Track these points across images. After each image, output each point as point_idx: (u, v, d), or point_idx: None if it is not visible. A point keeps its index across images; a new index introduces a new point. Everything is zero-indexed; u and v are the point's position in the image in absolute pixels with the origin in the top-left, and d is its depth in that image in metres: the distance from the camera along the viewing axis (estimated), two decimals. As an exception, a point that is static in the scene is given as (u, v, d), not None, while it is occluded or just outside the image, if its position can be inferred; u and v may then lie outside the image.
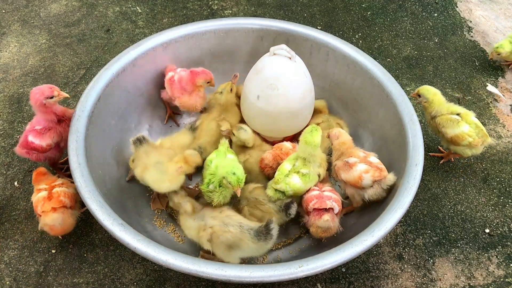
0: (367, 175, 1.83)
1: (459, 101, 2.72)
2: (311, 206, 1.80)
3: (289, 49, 1.99)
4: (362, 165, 1.86)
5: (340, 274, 1.95)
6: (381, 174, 1.84)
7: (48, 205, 1.81)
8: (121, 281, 1.89)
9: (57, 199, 1.82)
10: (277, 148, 2.01)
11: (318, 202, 1.79)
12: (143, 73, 2.26)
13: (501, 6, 3.49)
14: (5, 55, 2.85)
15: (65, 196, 1.85)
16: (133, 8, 3.25)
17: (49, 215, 1.80)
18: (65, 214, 1.83)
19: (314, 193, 1.85)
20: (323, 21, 3.23)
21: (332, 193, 1.85)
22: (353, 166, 1.87)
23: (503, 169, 2.38)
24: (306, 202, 1.84)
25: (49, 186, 1.89)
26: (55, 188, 1.87)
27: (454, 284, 1.95)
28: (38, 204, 1.83)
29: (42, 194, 1.85)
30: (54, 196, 1.84)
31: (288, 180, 1.85)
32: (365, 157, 1.90)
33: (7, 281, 1.88)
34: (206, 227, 1.73)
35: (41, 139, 1.97)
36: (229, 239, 1.69)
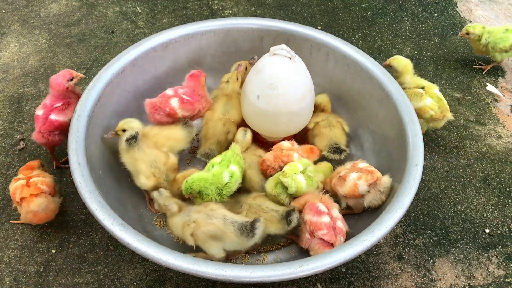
0: (361, 182, 1.83)
1: (459, 101, 2.72)
2: (319, 234, 1.72)
3: (289, 49, 1.99)
4: (353, 174, 1.86)
5: (340, 274, 1.95)
6: (373, 176, 1.83)
7: (27, 191, 1.83)
8: (121, 281, 1.89)
9: (36, 187, 1.85)
10: (277, 149, 2.00)
11: (328, 235, 1.71)
12: (143, 73, 2.26)
13: (501, 6, 3.49)
14: (5, 55, 2.85)
15: (43, 184, 1.88)
16: (133, 8, 3.25)
17: (32, 201, 1.81)
18: (48, 199, 1.86)
19: (324, 220, 1.75)
20: (323, 21, 3.23)
21: (342, 224, 1.78)
22: (346, 178, 1.87)
23: (503, 169, 2.38)
24: (313, 226, 1.74)
25: (26, 177, 1.92)
26: (32, 178, 1.90)
27: (454, 284, 1.95)
28: (16, 191, 1.84)
29: (20, 183, 1.87)
30: (32, 184, 1.86)
31: (295, 176, 1.85)
32: (354, 165, 1.90)
33: (7, 281, 1.88)
34: (190, 221, 1.73)
35: (65, 115, 2.07)
36: (211, 231, 1.69)
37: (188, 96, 2.14)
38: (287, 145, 2.03)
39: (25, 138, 2.39)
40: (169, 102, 2.10)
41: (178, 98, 2.11)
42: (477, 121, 2.62)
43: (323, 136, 2.17)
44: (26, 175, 1.94)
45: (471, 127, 2.58)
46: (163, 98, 2.12)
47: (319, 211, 1.77)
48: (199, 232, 1.70)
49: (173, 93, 2.13)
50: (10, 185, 1.92)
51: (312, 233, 1.75)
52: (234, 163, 1.90)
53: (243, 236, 1.68)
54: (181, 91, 2.15)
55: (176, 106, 2.09)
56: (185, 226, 1.74)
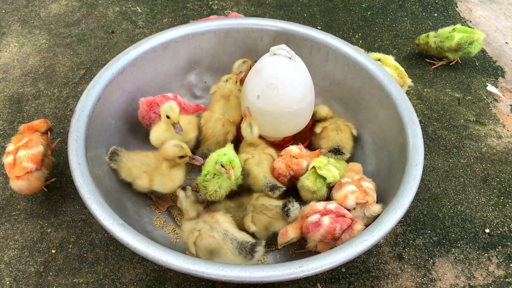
0: (352, 196, 1.81)
1: (459, 101, 2.72)
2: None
3: (289, 49, 1.99)
4: (351, 186, 1.84)
5: (340, 274, 1.95)
6: (365, 197, 1.79)
7: (13, 173, 1.92)
8: (121, 281, 1.89)
9: (20, 166, 1.91)
10: (287, 156, 1.97)
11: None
12: (143, 73, 2.26)
13: (501, 6, 3.49)
14: (5, 55, 2.85)
15: (28, 161, 1.93)
16: (133, 8, 3.25)
17: (14, 182, 1.93)
18: (30, 180, 1.94)
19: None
20: (323, 21, 3.23)
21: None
22: (343, 186, 1.86)
23: (503, 169, 2.38)
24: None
25: (14, 148, 1.96)
26: (19, 152, 1.94)
27: (454, 284, 1.95)
28: (6, 169, 1.96)
29: (8, 160, 1.95)
30: (17, 162, 1.93)
31: (328, 167, 1.91)
32: (358, 180, 1.88)
33: (7, 281, 1.88)
34: (195, 230, 1.73)
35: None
36: (210, 244, 1.68)
37: (186, 105, 2.18)
38: (295, 150, 2.00)
39: (25, 138, 2.39)
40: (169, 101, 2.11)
41: (177, 102, 2.13)
42: (477, 121, 2.62)
43: (328, 139, 2.16)
44: (16, 144, 1.98)
45: (471, 127, 2.58)
46: (163, 97, 2.15)
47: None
48: (200, 244, 1.70)
49: (173, 97, 2.18)
50: (4, 157, 1.99)
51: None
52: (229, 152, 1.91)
53: (241, 256, 1.67)
54: (180, 99, 2.20)
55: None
56: (190, 233, 1.74)
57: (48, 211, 2.10)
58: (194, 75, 2.48)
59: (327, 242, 1.75)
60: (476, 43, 2.77)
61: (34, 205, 2.12)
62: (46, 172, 2.02)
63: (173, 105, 1.95)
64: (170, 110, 1.93)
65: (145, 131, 2.30)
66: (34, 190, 1.99)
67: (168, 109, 1.93)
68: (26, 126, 2.10)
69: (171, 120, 1.94)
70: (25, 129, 2.09)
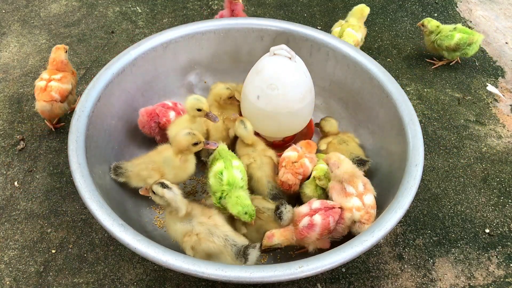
0: (357, 213, 1.76)
1: (459, 101, 2.72)
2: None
3: (289, 49, 1.99)
4: (356, 200, 1.78)
5: (340, 274, 1.95)
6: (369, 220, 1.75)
7: (41, 96, 2.23)
8: (121, 281, 1.89)
9: (49, 94, 2.23)
10: (289, 164, 1.93)
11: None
12: (143, 73, 2.26)
13: (501, 6, 3.49)
14: (5, 55, 2.85)
15: (56, 92, 2.24)
16: (133, 8, 3.25)
17: (40, 103, 2.23)
18: (53, 106, 2.25)
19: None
20: (323, 21, 3.23)
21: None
22: (348, 196, 1.80)
23: (503, 169, 2.38)
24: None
25: (48, 78, 2.28)
26: (51, 82, 2.26)
27: (454, 284, 1.95)
28: (36, 91, 2.26)
29: (40, 84, 2.27)
30: (47, 90, 2.24)
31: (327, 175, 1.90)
32: (361, 194, 1.81)
33: (7, 281, 1.88)
34: (192, 233, 1.69)
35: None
36: (211, 249, 1.67)
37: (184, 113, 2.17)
38: (293, 154, 1.97)
39: (25, 138, 2.39)
40: (168, 113, 2.14)
41: (176, 112, 2.16)
42: (477, 121, 2.62)
43: (342, 152, 2.07)
44: (50, 76, 2.28)
45: (471, 127, 2.58)
46: (163, 107, 2.16)
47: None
48: (199, 248, 1.68)
49: (172, 105, 2.19)
50: (36, 80, 2.31)
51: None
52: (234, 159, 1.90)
53: (238, 260, 1.67)
54: (180, 107, 2.21)
55: (173, 119, 2.13)
56: (186, 236, 1.69)
57: (48, 211, 2.10)
58: (194, 75, 2.48)
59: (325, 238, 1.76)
60: (474, 45, 2.77)
61: (34, 205, 2.12)
62: (67, 107, 2.32)
63: (198, 97, 1.98)
64: (199, 103, 1.95)
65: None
66: (52, 117, 2.34)
67: (196, 102, 1.96)
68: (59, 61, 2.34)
69: (204, 112, 1.96)
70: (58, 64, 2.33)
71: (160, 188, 1.67)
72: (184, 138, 1.85)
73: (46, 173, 2.25)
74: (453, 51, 2.79)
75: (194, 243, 1.68)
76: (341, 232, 1.76)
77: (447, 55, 2.83)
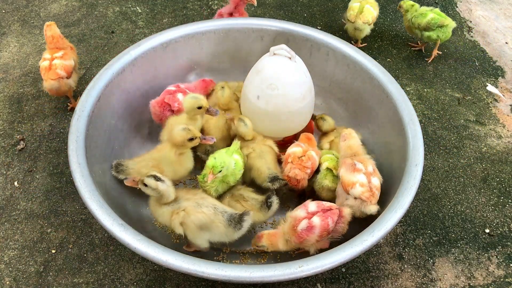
0: (359, 188, 1.79)
1: (459, 101, 2.72)
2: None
3: (289, 49, 1.99)
4: (363, 177, 1.82)
5: (340, 274, 1.95)
6: (370, 198, 1.79)
7: (48, 75, 2.29)
8: (121, 281, 1.89)
9: (54, 72, 2.30)
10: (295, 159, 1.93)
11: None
12: (143, 73, 2.26)
13: (501, 6, 3.49)
14: (5, 55, 2.85)
15: (61, 69, 2.31)
16: (133, 8, 3.25)
17: (48, 82, 2.29)
18: (61, 83, 2.32)
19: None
20: (323, 21, 3.23)
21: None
22: (356, 172, 1.83)
23: (503, 169, 2.38)
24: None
25: (51, 57, 2.34)
26: (54, 60, 2.33)
27: (454, 284, 1.95)
28: (42, 71, 2.33)
29: (44, 64, 2.33)
30: (52, 68, 2.31)
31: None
32: (370, 174, 1.85)
33: (7, 281, 1.88)
34: (179, 210, 1.72)
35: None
36: (201, 220, 1.69)
37: (189, 90, 2.20)
38: (298, 149, 1.97)
39: (25, 138, 2.39)
40: (176, 97, 2.15)
41: (182, 92, 2.17)
42: (477, 121, 2.62)
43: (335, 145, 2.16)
44: (52, 55, 2.35)
45: (471, 127, 2.58)
46: (170, 94, 2.17)
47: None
48: (188, 221, 1.70)
49: (176, 88, 2.19)
50: (40, 61, 2.37)
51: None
52: (237, 153, 1.94)
53: (231, 227, 1.70)
54: (182, 86, 2.22)
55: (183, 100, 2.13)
56: (174, 215, 1.72)
57: (48, 211, 2.10)
58: (194, 75, 2.48)
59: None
60: (445, 29, 2.83)
61: (34, 205, 2.12)
62: (73, 84, 2.39)
63: (195, 95, 1.99)
64: (198, 101, 1.96)
65: (146, 131, 2.31)
66: (60, 94, 2.40)
67: (196, 101, 1.96)
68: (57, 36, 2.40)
69: (204, 108, 1.97)
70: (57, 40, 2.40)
71: (154, 180, 1.69)
72: (180, 133, 1.87)
73: (46, 173, 2.25)
74: (424, 30, 2.84)
75: (183, 218, 1.70)
76: (340, 231, 1.76)
77: (420, 35, 2.88)
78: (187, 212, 1.71)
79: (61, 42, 2.41)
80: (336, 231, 1.75)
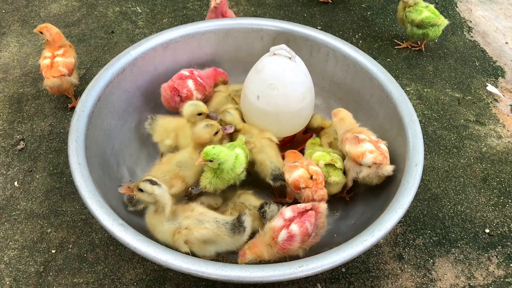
0: (370, 155, 1.85)
1: (459, 101, 2.72)
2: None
3: (289, 49, 1.99)
4: (369, 145, 1.88)
5: (340, 274, 1.95)
6: (383, 160, 1.85)
7: (50, 73, 2.32)
8: (121, 281, 1.89)
9: (57, 69, 2.33)
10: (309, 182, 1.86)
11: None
12: (143, 73, 2.26)
13: (501, 6, 3.49)
14: (5, 55, 2.85)
15: (63, 66, 2.34)
16: (133, 8, 3.25)
17: (50, 80, 2.32)
18: (62, 81, 2.34)
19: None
20: (323, 21, 3.23)
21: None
22: (361, 142, 1.89)
23: (503, 169, 2.38)
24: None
25: (52, 55, 2.37)
26: (56, 58, 2.36)
27: (454, 284, 1.95)
28: (43, 69, 2.35)
29: (45, 62, 2.36)
30: (54, 65, 2.34)
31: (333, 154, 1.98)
32: (376, 142, 1.92)
33: (7, 281, 1.88)
34: (181, 229, 1.68)
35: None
36: (205, 235, 1.67)
37: (201, 79, 2.22)
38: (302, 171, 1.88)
39: (25, 138, 2.39)
40: (186, 83, 2.17)
41: (193, 79, 2.19)
42: (477, 121, 2.62)
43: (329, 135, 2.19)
44: (53, 53, 2.37)
45: (471, 127, 2.58)
46: (181, 79, 2.19)
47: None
48: (192, 238, 1.67)
49: (189, 74, 2.22)
50: (40, 59, 2.40)
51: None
52: (239, 147, 1.94)
53: (236, 234, 1.69)
54: (196, 73, 2.24)
55: (192, 87, 2.17)
56: (176, 234, 1.68)
57: (48, 211, 2.10)
58: (194, 75, 2.48)
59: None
60: (437, 28, 2.84)
61: (34, 205, 2.12)
62: (74, 81, 2.42)
63: (195, 103, 1.99)
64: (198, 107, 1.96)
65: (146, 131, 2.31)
66: (62, 91, 2.41)
67: (195, 108, 1.96)
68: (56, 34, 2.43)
69: (204, 114, 1.98)
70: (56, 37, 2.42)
71: (149, 185, 1.64)
72: (205, 131, 1.89)
73: (46, 173, 2.25)
74: (417, 27, 2.84)
75: (186, 236, 1.67)
76: (321, 226, 1.74)
77: (409, 29, 2.89)
78: (190, 229, 1.67)
79: (60, 39, 2.43)
80: (317, 227, 1.72)
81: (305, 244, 1.72)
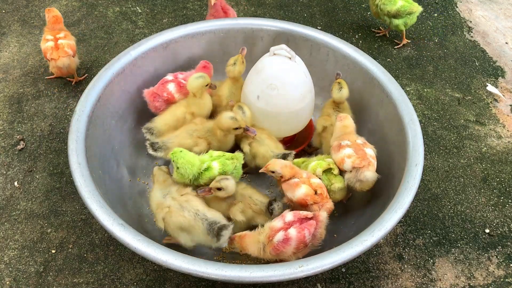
0: (348, 160, 1.85)
1: (459, 101, 2.72)
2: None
3: (289, 49, 1.99)
4: (348, 150, 1.87)
5: (340, 274, 1.95)
6: (361, 163, 1.83)
7: (57, 54, 2.42)
8: (121, 281, 1.89)
9: (63, 50, 2.44)
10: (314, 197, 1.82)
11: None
12: (143, 73, 2.26)
13: (501, 6, 3.49)
14: (5, 55, 2.85)
15: (68, 47, 2.46)
16: (133, 8, 3.25)
17: (60, 60, 2.43)
18: (70, 60, 2.46)
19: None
20: (323, 21, 3.23)
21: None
22: (341, 148, 1.89)
23: (503, 169, 2.38)
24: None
25: (54, 38, 2.47)
26: (59, 40, 2.46)
27: (454, 284, 1.95)
28: (47, 52, 2.45)
29: (49, 44, 2.45)
30: (60, 47, 2.44)
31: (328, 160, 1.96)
32: (359, 146, 1.90)
33: (7, 281, 1.88)
34: (164, 206, 1.75)
35: None
36: (181, 223, 1.70)
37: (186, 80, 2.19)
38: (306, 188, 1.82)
39: (25, 138, 2.39)
40: (166, 87, 2.17)
41: (176, 83, 2.19)
42: (477, 121, 2.62)
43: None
44: (54, 35, 2.47)
45: (471, 127, 2.58)
46: (161, 84, 2.20)
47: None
48: (169, 220, 1.72)
49: (172, 78, 2.22)
50: (42, 43, 2.49)
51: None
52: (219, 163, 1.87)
53: (209, 236, 1.69)
54: (180, 76, 2.24)
55: (173, 90, 2.17)
56: (159, 209, 1.76)
57: (48, 211, 2.10)
58: (194, 75, 2.48)
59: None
60: (413, 16, 2.90)
61: (34, 205, 2.12)
62: (78, 61, 2.55)
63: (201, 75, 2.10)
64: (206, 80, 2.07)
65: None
66: (70, 71, 2.52)
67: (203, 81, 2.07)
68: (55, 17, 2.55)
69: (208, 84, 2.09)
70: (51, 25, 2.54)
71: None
72: (228, 121, 1.95)
73: (46, 173, 2.25)
74: (394, 17, 2.88)
75: (165, 215, 1.73)
76: (319, 237, 1.70)
77: (388, 21, 2.92)
78: (170, 211, 1.73)
79: (60, 23, 2.55)
80: (315, 237, 1.70)
81: (299, 252, 1.69)
